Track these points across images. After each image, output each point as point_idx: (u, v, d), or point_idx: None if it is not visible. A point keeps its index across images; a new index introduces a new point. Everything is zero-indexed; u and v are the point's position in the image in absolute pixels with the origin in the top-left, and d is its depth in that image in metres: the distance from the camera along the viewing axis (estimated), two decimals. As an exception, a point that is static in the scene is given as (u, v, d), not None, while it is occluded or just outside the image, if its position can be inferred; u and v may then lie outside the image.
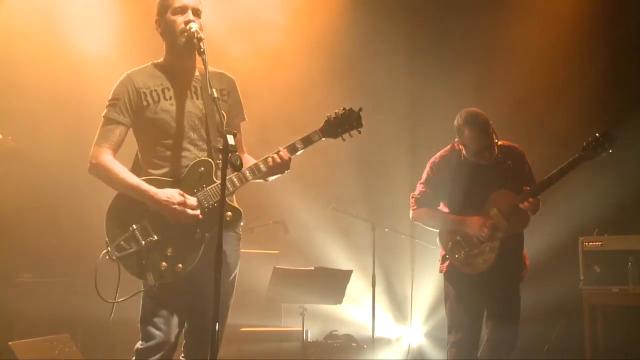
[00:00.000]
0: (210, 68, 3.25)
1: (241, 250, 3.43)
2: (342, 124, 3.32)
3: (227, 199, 3.10)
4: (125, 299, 3.10)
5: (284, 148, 3.20)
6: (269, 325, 6.12)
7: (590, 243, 5.79)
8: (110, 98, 3.21)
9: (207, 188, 3.12)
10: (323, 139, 3.28)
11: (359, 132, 3.38)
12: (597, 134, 4.12)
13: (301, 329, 5.53)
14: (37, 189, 6.00)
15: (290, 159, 3.19)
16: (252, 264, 5.87)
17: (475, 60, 7.00)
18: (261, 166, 3.17)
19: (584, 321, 5.73)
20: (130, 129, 3.25)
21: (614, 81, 6.64)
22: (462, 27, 7.10)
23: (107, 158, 3.14)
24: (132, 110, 3.18)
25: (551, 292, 5.99)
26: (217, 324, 2.63)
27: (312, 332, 6.16)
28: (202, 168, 3.14)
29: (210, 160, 3.16)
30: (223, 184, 2.73)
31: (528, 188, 4.17)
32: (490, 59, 6.98)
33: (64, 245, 6.16)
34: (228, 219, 3.11)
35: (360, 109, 3.37)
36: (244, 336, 5.82)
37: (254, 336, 5.91)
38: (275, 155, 3.16)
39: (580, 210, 6.11)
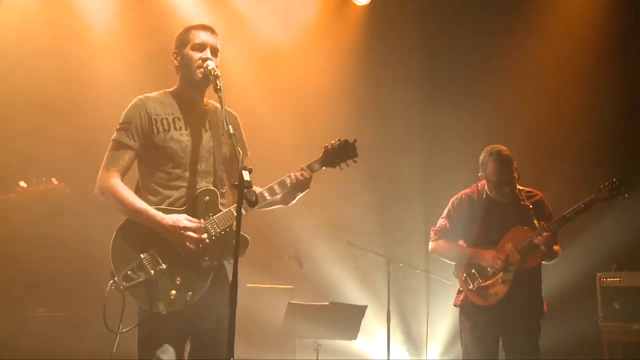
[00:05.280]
0: (215, 103, 3.32)
1: (256, 285, 3.44)
2: (340, 154, 3.38)
3: (233, 226, 3.10)
4: (129, 330, 3.11)
5: (303, 166, 3.33)
6: (284, 360, 6.07)
7: (608, 279, 5.71)
8: (121, 121, 3.24)
9: (214, 216, 3.14)
10: (323, 168, 3.38)
11: (355, 161, 3.43)
12: (614, 179, 4.21)
13: (316, 364, 5.48)
14: (57, 226, 6.06)
15: (310, 177, 3.32)
16: (266, 299, 5.87)
17: (490, 97, 7.02)
18: (276, 188, 3.27)
19: (604, 359, 5.63)
20: None
21: (629, 116, 6.62)
22: (477, 61, 7.13)
23: (116, 182, 3.16)
24: (142, 135, 3.21)
25: (569, 328, 5.91)
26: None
27: (327, 368, 6.09)
28: (208, 197, 3.17)
29: (215, 189, 3.19)
30: (239, 220, 2.75)
31: (543, 223, 4.25)
32: (504, 96, 7.00)
33: (80, 279, 6.18)
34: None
35: (355, 140, 3.42)
36: (258, 371, 5.78)
37: (268, 371, 5.86)
38: (298, 173, 3.29)
39: (597, 245, 6.05)
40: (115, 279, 3.04)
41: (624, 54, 6.72)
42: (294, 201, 3.37)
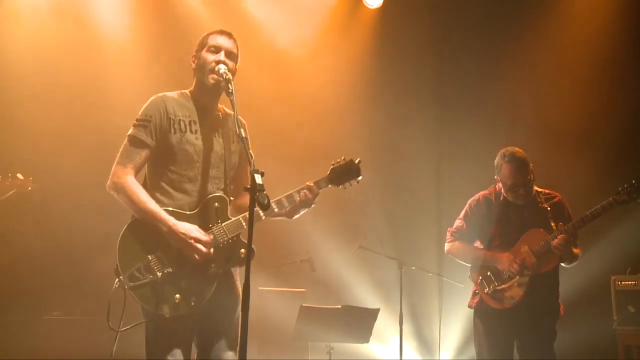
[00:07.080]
0: (227, 110, 3.35)
1: (268, 289, 3.44)
2: (344, 173, 3.39)
3: (241, 235, 3.16)
4: (128, 328, 3.09)
5: (310, 183, 3.29)
6: (296, 364, 6.06)
7: (623, 282, 5.69)
8: (139, 118, 3.21)
9: (223, 224, 3.15)
10: (329, 185, 3.37)
11: (357, 182, 3.45)
12: (633, 181, 4.15)
13: (328, 368, 5.47)
14: (66, 229, 6.09)
15: (317, 195, 3.28)
16: (278, 302, 5.87)
17: (502, 100, 6.99)
18: (284, 201, 3.25)
19: (619, 363, 5.60)
20: None
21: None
22: (490, 64, 7.11)
23: (130, 179, 3.13)
24: (160, 133, 3.19)
25: (584, 332, 5.87)
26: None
27: (339, 371, 6.08)
28: (217, 204, 3.18)
29: (225, 196, 3.21)
30: (251, 221, 2.76)
31: (561, 224, 4.21)
32: (517, 99, 6.97)
33: (93, 282, 6.20)
34: (242, 256, 3.16)
35: (359, 160, 3.43)
36: (271, 375, 5.78)
37: (280, 375, 5.85)
38: (307, 191, 3.26)
39: (612, 249, 6.01)
40: (121, 277, 3.04)
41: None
42: (297, 215, 3.34)
